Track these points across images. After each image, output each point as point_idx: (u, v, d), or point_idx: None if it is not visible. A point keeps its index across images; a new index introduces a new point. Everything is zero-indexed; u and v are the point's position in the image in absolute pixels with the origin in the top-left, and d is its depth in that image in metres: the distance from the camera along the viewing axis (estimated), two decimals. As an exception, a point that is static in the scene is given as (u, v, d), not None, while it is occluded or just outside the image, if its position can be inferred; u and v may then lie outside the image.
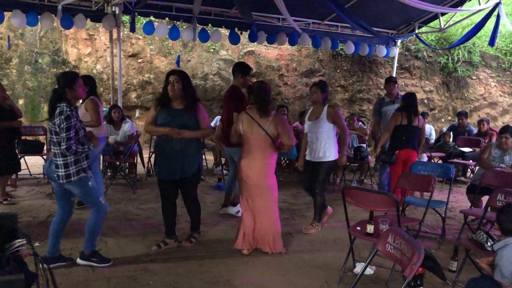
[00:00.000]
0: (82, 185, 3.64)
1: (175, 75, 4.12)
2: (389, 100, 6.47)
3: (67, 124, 3.43)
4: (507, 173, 4.95)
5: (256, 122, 4.20)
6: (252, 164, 4.25)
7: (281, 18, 8.17)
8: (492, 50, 11.97)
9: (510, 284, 2.74)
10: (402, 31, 9.50)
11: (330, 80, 11.11)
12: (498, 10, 7.82)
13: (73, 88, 3.59)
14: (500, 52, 12.21)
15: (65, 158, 3.52)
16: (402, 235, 2.51)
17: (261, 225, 4.33)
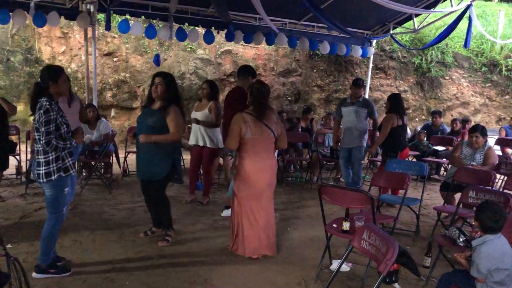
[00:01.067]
0: (59, 188, 3.49)
1: (160, 77, 4.19)
2: (350, 101, 6.53)
3: (46, 118, 3.34)
4: (478, 171, 5.09)
5: (263, 124, 4.14)
6: (264, 166, 4.18)
7: (258, 17, 8.18)
8: (464, 51, 12.25)
9: (485, 280, 2.81)
10: (377, 31, 9.63)
11: (307, 80, 11.19)
12: (469, 12, 8.03)
13: (57, 82, 3.51)
14: (472, 53, 12.51)
15: (46, 155, 3.41)
16: (376, 232, 2.56)
17: (271, 227, 4.32)
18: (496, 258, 2.77)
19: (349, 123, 6.52)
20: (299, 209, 6.17)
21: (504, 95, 12.39)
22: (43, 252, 3.59)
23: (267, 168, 4.21)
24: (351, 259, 4.21)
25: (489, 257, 2.78)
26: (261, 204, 4.23)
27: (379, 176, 4.91)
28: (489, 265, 2.76)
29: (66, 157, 3.52)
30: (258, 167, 4.16)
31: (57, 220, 3.57)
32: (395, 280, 3.86)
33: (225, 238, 4.73)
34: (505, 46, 12.34)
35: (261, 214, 4.24)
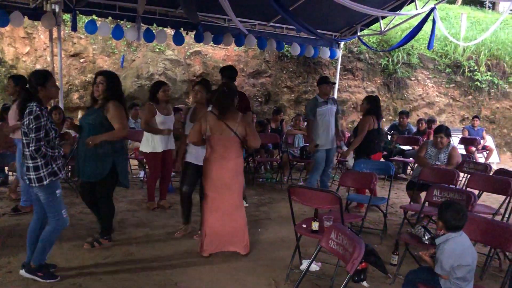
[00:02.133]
0: (51, 191, 3.46)
1: (101, 76, 4.14)
2: (322, 100, 6.34)
3: (36, 124, 3.27)
4: (442, 170, 5.24)
5: (224, 123, 4.17)
6: (224, 164, 4.22)
7: (227, 19, 8.19)
8: (428, 52, 12.57)
9: (448, 277, 2.89)
10: (345, 33, 9.78)
11: (276, 81, 11.26)
12: (434, 15, 8.25)
13: (46, 87, 3.44)
14: (436, 55, 12.85)
15: (34, 160, 3.36)
16: (344, 231, 2.60)
17: (235, 224, 4.33)
18: (458, 255, 2.86)
19: (326, 123, 6.30)
20: (269, 209, 6.20)
21: (467, 96, 12.78)
22: (37, 253, 3.57)
23: (226, 168, 4.24)
24: (321, 259, 4.26)
25: (452, 254, 2.86)
26: (226, 202, 4.28)
27: (346, 176, 4.99)
28: (452, 262, 2.84)
29: (56, 160, 3.49)
30: (218, 166, 4.22)
31: (57, 223, 3.54)
32: (363, 278, 3.93)
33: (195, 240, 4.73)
34: (467, 48, 12.73)
35: (214, 214, 4.28)
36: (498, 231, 3.01)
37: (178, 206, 5.89)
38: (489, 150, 10.16)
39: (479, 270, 4.14)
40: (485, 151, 10.16)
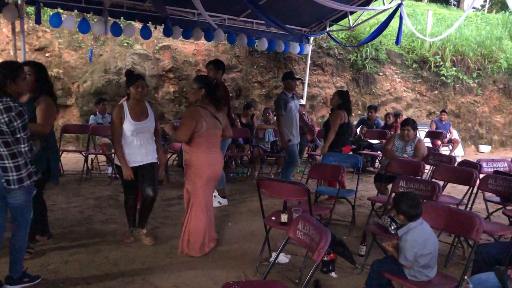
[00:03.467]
0: (29, 193, 3.26)
1: (28, 66, 3.82)
2: (290, 95, 6.37)
3: (22, 122, 3.04)
4: (409, 162, 5.35)
5: (215, 117, 4.18)
6: (219, 158, 4.28)
7: (196, 13, 8.10)
8: (396, 48, 12.80)
9: (412, 266, 2.96)
10: (314, 29, 9.85)
11: (247, 76, 11.24)
12: (400, 11, 8.39)
13: (16, 81, 3.14)
14: (404, 50, 13.09)
15: (15, 159, 3.10)
16: (310, 222, 2.62)
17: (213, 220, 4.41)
18: (421, 244, 2.93)
19: (295, 118, 6.39)
20: (240, 204, 6.21)
21: (433, 90, 13.08)
22: (15, 263, 3.36)
23: (219, 161, 4.30)
24: (291, 251, 4.31)
25: (414, 244, 2.93)
26: (212, 197, 4.37)
27: (315, 169, 5.04)
28: (415, 251, 2.91)
29: (32, 161, 3.27)
30: (213, 160, 4.18)
31: (25, 228, 3.35)
32: (332, 269, 3.99)
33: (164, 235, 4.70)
34: (433, 44, 13.02)
35: (211, 207, 4.32)
36: (460, 219, 3.10)
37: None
38: (455, 143, 10.44)
39: (443, 259, 4.27)
40: (451, 144, 10.43)
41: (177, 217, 5.42)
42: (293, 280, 3.75)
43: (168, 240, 4.61)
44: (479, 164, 5.33)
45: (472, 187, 4.71)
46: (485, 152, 12.94)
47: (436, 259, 3.04)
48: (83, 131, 8.11)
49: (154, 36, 9.41)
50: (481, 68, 13.55)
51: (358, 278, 3.88)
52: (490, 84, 13.67)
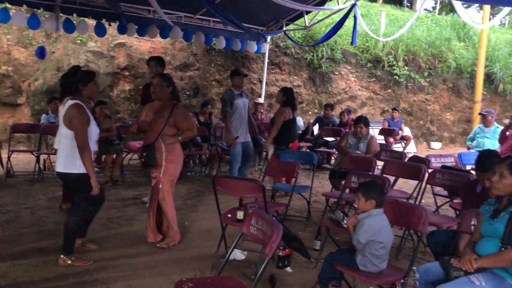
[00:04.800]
0: None
1: None
2: (238, 93, 6.36)
3: None
4: (361, 158, 5.51)
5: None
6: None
7: (151, 10, 8.00)
8: (351, 48, 13.09)
9: (362, 249, 3.06)
10: (271, 28, 9.93)
11: (205, 74, 11.20)
12: (354, 11, 8.59)
13: None
14: (358, 50, 13.41)
15: None
16: (263, 217, 2.66)
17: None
18: (376, 230, 3.06)
19: (243, 116, 6.40)
20: (197, 202, 6.19)
21: (386, 89, 13.47)
22: None
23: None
24: (248, 247, 4.35)
25: (370, 229, 3.05)
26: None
27: (271, 166, 5.09)
28: (368, 236, 3.03)
29: None
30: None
31: None
32: (287, 264, 4.05)
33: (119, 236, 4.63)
34: (386, 44, 13.40)
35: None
36: (408, 212, 3.22)
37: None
38: (407, 140, 10.79)
39: (394, 251, 4.42)
40: (403, 141, 10.78)
41: (133, 217, 5.35)
42: (249, 276, 3.79)
43: (123, 240, 4.55)
44: (427, 160, 5.55)
45: (421, 182, 4.89)
46: (436, 148, 13.45)
47: (388, 252, 3.15)
48: (35, 131, 7.83)
49: (108, 33, 9.21)
50: (431, 68, 14.07)
51: (313, 272, 3.95)
52: (440, 83, 14.22)
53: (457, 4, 8.43)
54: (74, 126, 3.61)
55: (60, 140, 3.75)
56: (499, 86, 14.49)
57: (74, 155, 3.65)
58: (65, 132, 3.67)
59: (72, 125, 3.62)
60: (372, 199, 3.13)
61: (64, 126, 3.66)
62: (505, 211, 2.77)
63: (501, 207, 2.82)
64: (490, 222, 2.82)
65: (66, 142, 3.68)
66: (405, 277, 3.05)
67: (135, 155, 8.39)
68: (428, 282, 2.87)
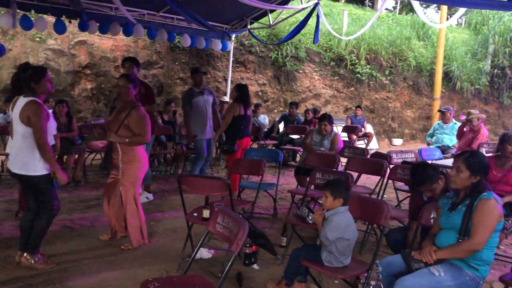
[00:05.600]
0: None
1: None
2: (198, 91, 6.42)
3: None
4: (326, 155, 5.59)
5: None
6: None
7: (113, 7, 7.85)
8: (314, 46, 13.25)
9: (328, 245, 3.12)
10: (236, 26, 9.93)
11: (169, 73, 11.08)
12: (317, 10, 8.71)
13: None
14: (321, 49, 13.58)
15: None
16: (229, 214, 2.67)
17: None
18: (343, 227, 3.12)
19: (204, 113, 6.44)
20: (163, 202, 6.13)
21: (349, 87, 13.71)
22: None
23: None
24: (214, 246, 4.35)
25: (338, 226, 3.11)
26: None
27: (237, 164, 5.10)
28: (336, 233, 3.09)
29: None
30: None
31: None
32: (253, 261, 4.08)
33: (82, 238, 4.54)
34: (349, 43, 13.64)
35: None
36: (370, 207, 3.31)
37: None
38: (369, 137, 11.03)
39: (358, 246, 4.52)
40: (366, 138, 11.00)
41: (96, 218, 5.25)
42: (215, 274, 3.79)
43: (86, 241, 4.46)
44: (389, 156, 5.70)
45: (383, 177, 5.02)
46: (398, 145, 13.80)
47: (352, 248, 3.23)
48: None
49: (69, 30, 8.99)
50: (392, 66, 14.41)
51: (280, 269, 3.99)
52: (401, 81, 14.59)
53: (415, 4, 8.68)
54: (33, 122, 3.50)
55: (16, 139, 3.62)
56: (456, 84, 15.00)
57: (35, 156, 3.55)
58: (22, 130, 3.54)
59: (30, 122, 3.51)
60: (340, 198, 3.20)
61: (21, 124, 3.53)
62: (462, 204, 2.88)
63: (459, 200, 2.93)
64: (448, 215, 2.93)
65: (24, 141, 3.56)
66: (369, 270, 3.12)
67: (98, 155, 8.22)
68: (391, 275, 2.95)
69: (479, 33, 17.16)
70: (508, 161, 4.40)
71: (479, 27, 17.34)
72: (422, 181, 3.55)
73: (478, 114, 7.16)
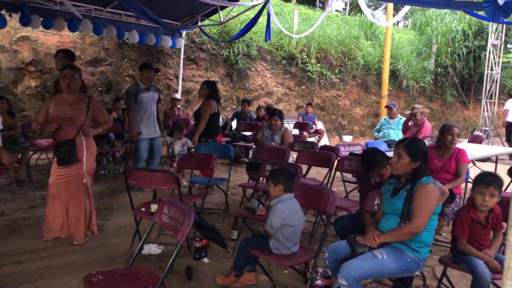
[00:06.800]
0: None
1: None
2: (145, 87, 6.21)
3: None
4: (276, 149, 5.65)
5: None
6: None
7: (58, 1, 7.59)
8: (266, 45, 13.34)
9: (275, 233, 3.15)
10: (186, 23, 9.84)
11: (118, 70, 10.82)
12: (268, 8, 8.78)
13: None
14: (273, 47, 13.70)
15: None
16: (176, 205, 2.64)
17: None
18: (287, 214, 3.17)
19: (149, 110, 6.26)
20: (111, 200, 5.99)
21: (301, 86, 13.91)
22: None
23: None
24: (164, 242, 4.30)
25: (281, 213, 3.16)
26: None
27: (186, 159, 5.06)
28: (280, 220, 3.14)
29: None
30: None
31: None
32: (204, 255, 4.06)
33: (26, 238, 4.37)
34: (299, 41, 13.83)
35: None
36: (316, 195, 3.37)
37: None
38: (321, 133, 11.23)
39: (308, 236, 4.60)
40: (317, 134, 11.20)
41: (41, 218, 5.03)
42: (163, 269, 3.72)
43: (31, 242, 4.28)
44: (337, 148, 5.84)
45: (330, 169, 5.13)
46: (348, 141, 14.13)
47: (299, 235, 3.28)
48: None
49: (10, 25, 8.63)
50: (342, 65, 14.75)
51: (230, 262, 3.95)
52: (350, 80, 14.95)
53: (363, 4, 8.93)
54: None
55: None
56: (403, 82, 15.55)
57: None
58: None
59: None
60: (279, 184, 3.24)
61: None
62: (403, 189, 2.99)
63: (400, 186, 3.04)
64: (390, 200, 3.03)
65: None
66: (315, 257, 3.18)
67: (43, 154, 7.91)
68: (337, 260, 3.02)
69: (423, 33, 17.87)
70: (448, 151, 4.61)
71: (423, 27, 18.05)
72: (372, 165, 3.70)
73: (422, 108, 7.44)
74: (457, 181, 4.53)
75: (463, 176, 4.55)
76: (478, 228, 3.09)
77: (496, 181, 3.04)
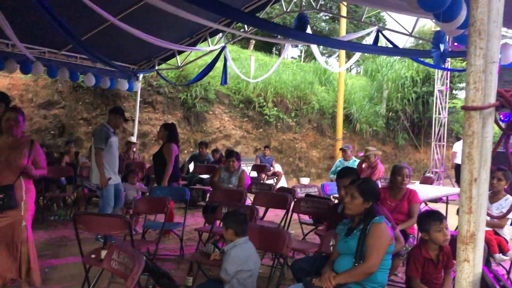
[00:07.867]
0: None
1: None
2: (113, 131, 5.98)
3: None
4: (233, 191, 5.62)
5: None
6: None
7: (10, 43, 7.45)
8: (224, 89, 13.52)
9: (230, 280, 3.07)
10: (143, 66, 9.86)
11: (72, 113, 10.61)
12: (224, 53, 8.97)
13: None
14: (231, 91, 13.90)
15: None
16: (125, 249, 2.54)
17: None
18: (242, 259, 3.10)
19: (115, 155, 6.06)
20: (60, 248, 5.70)
21: (258, 129, 14.08)
22: None
23: None
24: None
25: (236, 259, 3.09)
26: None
27: (140, 202, 4.94)
28: (236, 266, 3.05)
29: None
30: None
31: None
32: (157, 303, 3.89)
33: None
34: (256, 86, 14.11)
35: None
36: (273, 237, 3.34)
37: None
38: (278, 176, 11.29)
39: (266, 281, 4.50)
40: (275, 177, 11.25)
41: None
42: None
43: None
44: (293, 190, 5.87)
45: (287, 211, 5.12)
46: (305, 183, 14.24)
47: (255, 280, 3.21)
48: None
49: (-43, 66, 8.34)
50: (298, 109, 15.10)
51: (185, 309, 3.85)
52: (306, 123, 15.29)
53: (316, 52, 9.31)
54: None
55: None
56: (356, 125, 16.06)
57: None
58: None
59: None
60: (230, 228, 3.20)
61: None
62: (357, 229, 3.02)
63: (354, 226, 3.06)
64: (345, 240, 3.04)
65: None
66: (272, 300, 3.11)
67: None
68: (293, 303, 2.97)
69: (374, 79, 18.67)
70: (400, 191, 4.72)
71: (374, 74, 18.88)
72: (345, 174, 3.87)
73: (375, 151, 7.67)
74: (410, 222, 4.62)
75: (415, 216, 4.64)
76: (431, 266, 3.14)
77: (440, 215, 3.17)
